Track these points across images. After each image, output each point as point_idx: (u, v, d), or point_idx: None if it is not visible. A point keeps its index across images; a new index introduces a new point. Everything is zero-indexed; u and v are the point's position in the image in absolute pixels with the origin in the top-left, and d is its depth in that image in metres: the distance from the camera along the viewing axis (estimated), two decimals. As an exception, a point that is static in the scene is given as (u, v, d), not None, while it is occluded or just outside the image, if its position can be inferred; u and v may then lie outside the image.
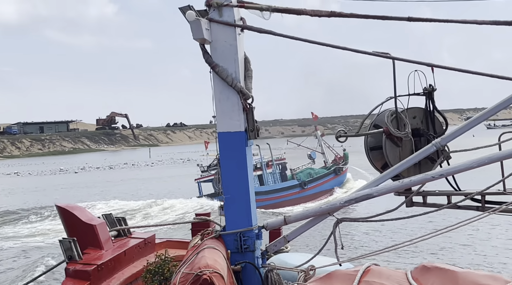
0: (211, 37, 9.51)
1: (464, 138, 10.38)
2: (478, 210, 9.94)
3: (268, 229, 10.17)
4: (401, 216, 9.91)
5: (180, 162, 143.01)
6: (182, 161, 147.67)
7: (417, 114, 10.37)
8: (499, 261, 28.43)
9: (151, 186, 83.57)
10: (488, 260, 28.85)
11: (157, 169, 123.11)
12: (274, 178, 62.27)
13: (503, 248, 30.98)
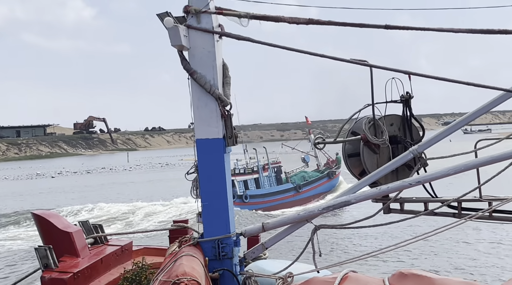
0: (189, 44, 9.48)
1: (441, 143, 10.46)
2: (455, 217, 10.02)
3: (247, 236, 10.15)
4: (379, 223, 9.95)
5: (159, 167, 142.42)
6: (161, 165, 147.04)
7: (395, 121, 10.44)
8: (475, 268, 28.64)
9: (142, 189, 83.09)
10: (465, 267, 29.05)
11: (137, 173, 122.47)
12: (270, 181, 63.49)
13: (479, 255, 31.23)
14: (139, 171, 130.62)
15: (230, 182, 9.86)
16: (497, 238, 34.16)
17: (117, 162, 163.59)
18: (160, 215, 53.81)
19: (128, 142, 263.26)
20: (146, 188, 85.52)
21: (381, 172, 9.81)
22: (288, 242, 25.92)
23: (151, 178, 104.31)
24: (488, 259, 30.31)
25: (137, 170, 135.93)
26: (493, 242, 33.52)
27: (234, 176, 61.98)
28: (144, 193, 76.13)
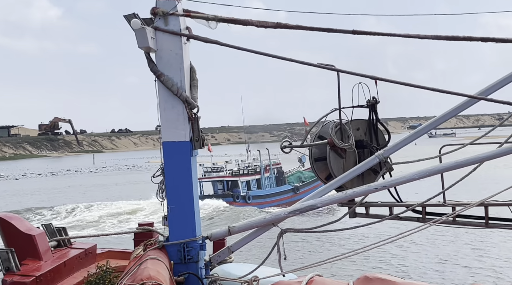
0: (156, 46, 9.42)
1: (407, 146, 10.55)
2: (419, 221, 10.12)
3: (213, 240, 10.12)
4: (344, 227, 10.01)
5: (125, 169, 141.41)
6: (127, 167, 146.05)
7: (361, 126, 10.50)
8: (439, 272, 29.03)
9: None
10: (429, 271, 29.42)
11: (103, 175, 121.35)
12: (270, 182, 66.11)
13: (444, 259, 31.65)
14: (105, 173, 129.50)
15: (197, 185, 9.82)
16: (461, 242, 34.68)
17: (83, 164, 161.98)
18: (128, 217, 54.16)
19: (94, 144, 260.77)
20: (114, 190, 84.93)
21: (347, 176, 9.85)
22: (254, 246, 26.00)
23: (118, 180, 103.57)
24: (451, 263, 30.75)
25: (103, 172, 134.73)
26: (457, 246, 34.02)
27: (238, 176, 65.69)
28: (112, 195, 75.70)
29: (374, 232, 32.28)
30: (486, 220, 10.13)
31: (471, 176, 9.81)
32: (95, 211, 60.30)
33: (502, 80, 9.62)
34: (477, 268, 29.73)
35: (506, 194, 9.38)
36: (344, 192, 9.59)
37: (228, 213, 53.16)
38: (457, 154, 9.87)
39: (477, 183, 36.14)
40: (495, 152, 9.13)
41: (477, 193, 9.66)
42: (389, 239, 9.37)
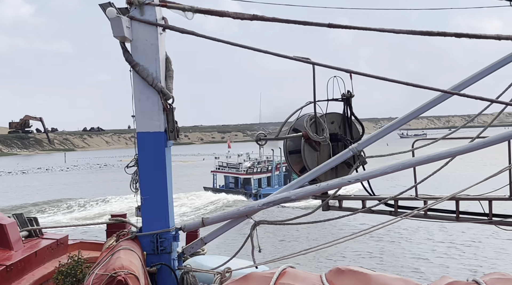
0: (131, 36, 9.37)
1: (378, 146, 10.65)
2: (391, 214, 10.23)
3: (186, 231, 10.09)
4: (317, 220, 10.04)
5: (97, 167, 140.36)
6: (99, 166, 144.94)
7: (335, 120, 10.56)
8: (410, 265, 29.36)
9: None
10: (400, 263, 29.73)
11: (75, 174, 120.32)
12: (279, 180, 70.41)
13: (415, 252, 32.01)
14: (76, 172, 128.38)
15: (171, 176, 9.78)
16: (433, 236, 35.10)
17: (54, 162, 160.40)
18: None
19: (65, 142, 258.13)
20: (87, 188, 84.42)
21: (321, 169, 9.90)
22: (226, 239, 25.98)
23: (90, 178, 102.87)
24: (423, 256, 31.11)
25: (75, 170, 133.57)
26: (429, 240, 34.43)
27: (252, 174, 70.18)
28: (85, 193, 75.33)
29: (347, 225, 32.58)
30: (457, 214, 10.28)
31: (443, 171, 9.93)
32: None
33: (475, 76, 9.77)
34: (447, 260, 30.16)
35: (478, 189, 9.53)
36: (317, 184, 9.63)
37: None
38: (430, 149, 10.00)
39: (456, 180, 36.52)
40: (467, 146, 9.26)
41: (454, 189, 9.76)
42: (361, 232, 9.43)
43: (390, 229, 31.88)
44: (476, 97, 9.23)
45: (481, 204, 10.13)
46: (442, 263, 29.30)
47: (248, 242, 9.66)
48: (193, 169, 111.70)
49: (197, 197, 66.99)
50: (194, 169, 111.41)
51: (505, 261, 28.05)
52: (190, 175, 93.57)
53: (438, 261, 29.82)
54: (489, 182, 9.09)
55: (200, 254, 10.44)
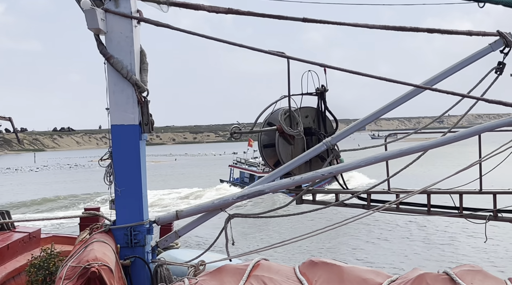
0: (106, 28, 9.31)
1: (350, 146, 10.77)
2: (364, 208, 10.34)
3: (160, 224, 10.08)
4: (291, 213, 10.11)
5: (67, 168, 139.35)
6: (69, 166, 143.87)
7: (310, 114, 10.64)
8: (382, 257, 29.66)
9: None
10: (372, 256, 30.04)
11: (45, 174, 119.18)
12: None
13: (386, 245, 32.34)
14: (46, 172, 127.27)
15: (145, 169, 9.76)
16: (405, 229, 35.50)
17: (23, 162, 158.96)
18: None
19: (35, 143, 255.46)
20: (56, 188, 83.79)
21: (295, 162, 9.96)
22: (203, 232, 25.96)
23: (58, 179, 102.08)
24: (395, 249, 31.46)
25: (44, 171, 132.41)
26: (401, 233, 34.81)
27: (259, 172, 73.01)
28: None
29: (320, 218, 32.79)
30: (428, 207, 10.44)
31: (415, 165, 10.07)
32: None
33: (446, 71, 9.91)
34: (418, 253, 30.53)
35: (449, 183, 9.68)
36: (292, 178, 9.69)
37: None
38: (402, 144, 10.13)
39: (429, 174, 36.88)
40: (439, 140, 9.40)
41: (427, 182, 9.93)
42: (334, 225, 9.51)
43: (363, 222, 32.19)
44: (448, 91, 9.38)
45: (452, 198, 10.29)
46: (414, 255, 29.70)
47: (222, 235, 9.69)
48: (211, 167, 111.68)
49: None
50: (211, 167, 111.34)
51: (475, 253, 28.51)
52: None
53: (409, 253, 30.24)
54: (460, 176, 9.23)
55: (174, 248, 10.44)
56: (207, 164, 77.55)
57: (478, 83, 9.66)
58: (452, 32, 9.59)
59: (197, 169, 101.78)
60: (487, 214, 10.13)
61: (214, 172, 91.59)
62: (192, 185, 77.01)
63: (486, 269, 7.55)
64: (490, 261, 26.83)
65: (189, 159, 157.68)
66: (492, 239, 21.38)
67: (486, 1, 9.23)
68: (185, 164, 76.65)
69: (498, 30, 9.54)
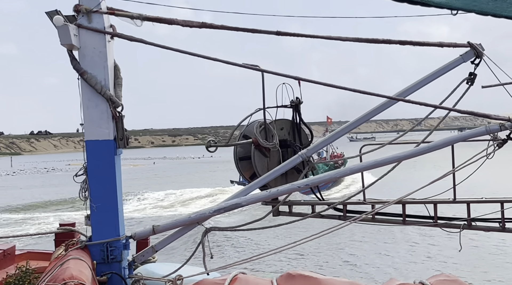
0: (79, 43, 9.28)
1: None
2: (340, 219, 10.41)
3: (136, 239, 10.04)
4: (268, 225, 10.13)
5: (44, 172, 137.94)
6: (46, 170, 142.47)
7: (285, 126, 10.69)
8: (360, 269, 29.75)
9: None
10: (350, 267, 30.12)
11: (21, 178, 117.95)
12: None
13: (363, 255, 32.46)
14: (23, 176, 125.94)
15: (120, 184, 9.72)
16: (381, 239, 35.67)
17: (0, 166, 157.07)
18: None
19: (11, 146, 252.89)
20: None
21: (271, 175, 9.99)
22: (181, 246, 25.87)
23: (36, 183, 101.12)
24: (373, 259, 31.58)
25: (21, 175, 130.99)
26: (377, 243, 34.97)
27: None
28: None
29: (297, 230, 32.87)
30: (403, 217, 10.54)
31: (391, 175, 10.16)
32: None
33: (420, 82, 10.01)
34: (394, 263, 30.70)
35: (423, 192, 9.78)
36: (268, 190, 9.71)
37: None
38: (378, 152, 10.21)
39: (405, 183, 37.30)
40: (412, 151, 9.48)
41: (403, 192, 10.01)
42: (311, 237, 9.55)
43: (340, 233, 32.41)
44: (420, 103, 9.49)
45: (426, 207, 10.41)
46: (390, 266, 29.85)
47: (200, 248, 9.69)
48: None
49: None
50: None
51: (450, 263, 28.72)
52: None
53: (386, 264, 30.37)
54: (434, 185, 9.34)
55: (151, 262, 10.40)
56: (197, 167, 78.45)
57: (450, 94, 9.77)
58: (424, 44, 9.70)
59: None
60: (461, 223, 10.26)
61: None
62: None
63: (462, 278, 7.63)
64: (466, 271, 27.04)
65: (168, 163, 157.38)
66: (467, 248, 21.59)
67: (459, 9, 9.36)
68: (165, 167, 76.84)
69: (468, 41, 9.66)
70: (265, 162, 10.36)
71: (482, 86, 9.68)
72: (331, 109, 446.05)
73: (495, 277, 26.57)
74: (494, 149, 9.21)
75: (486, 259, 29.50)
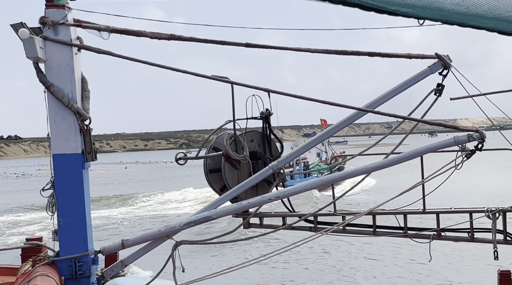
0: (45, 56, 9.13)
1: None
2: (311, 230, 10.41)
3: (105, 254, 9.90)
4: (239, 238, 10.09)
5: (14, 177, 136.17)
6: (16, 176, 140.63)
7: (255, 138, 10.66)
8: (332, 279, 29.83)
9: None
10: (322, 278, 30.19)
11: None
12: (300, 174, 76.27)
13: (335, 267, 32.54)
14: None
15: (89, 198, 9.59)
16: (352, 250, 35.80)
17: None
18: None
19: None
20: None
21: (242, 187, 9.93)
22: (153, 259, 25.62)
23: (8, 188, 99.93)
24: (343, 271, 31.66)
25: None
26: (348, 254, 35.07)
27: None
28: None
29: (268, 242, 32.89)
30: (374, 228, 10.57)
31: (361, 186, 10.19)
32: None
33: (389, 93, 10.05)
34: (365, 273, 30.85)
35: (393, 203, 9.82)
36: (239, 203, 9.66)
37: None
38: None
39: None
40: (382, 163, 9.50)
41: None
42: (282, 249, 9.55)
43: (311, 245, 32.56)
44: (390, 114, 9.58)
45: (396, 218, 10.46)
46: (362, 276, 29.98)
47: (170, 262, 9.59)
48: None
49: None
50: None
51: (420, 272, 28.90)
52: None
53: (357, 275, 30.48)
54: (404, 196, 9.38)
55: (120, 275, 10.28)
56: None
57: (418, 105, 9.81)
58: (392, 55, 9.75)
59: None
60: (431, 233, 10.33)
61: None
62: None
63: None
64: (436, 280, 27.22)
65: (140, 167, 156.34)
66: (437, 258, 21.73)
67: (426, 18, 9.43)
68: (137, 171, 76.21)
69: (436, 53, 9.73)
70: (236, 175, 10.31)
71: (451, 98, 9.77)
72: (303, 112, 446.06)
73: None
74: (463, 160, 9.27)
75: (454, 268, 29.71)
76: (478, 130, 9.22)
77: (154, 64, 9.49)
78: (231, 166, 10.27)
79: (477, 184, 59.64)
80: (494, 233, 10.13)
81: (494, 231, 10.13)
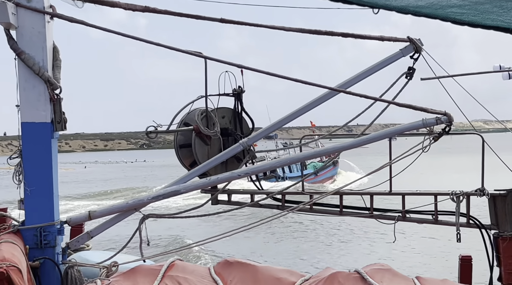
0: (17, 23, 9.03)
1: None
2: (278, 208, 10.48)
3: (72, 225, 9.83)
4: (206, 213, 10.10)
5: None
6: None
7: (226, 114, 10.69)
8: (296, 257, 30.12)
9: None
10: (286, 256, 30.47)
11: None
12: (297, 167, 79.53)
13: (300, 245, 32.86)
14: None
15: (56, 168, 9.51)
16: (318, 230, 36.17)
17: None
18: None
19: None
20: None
21: (211, 163, 9.95)
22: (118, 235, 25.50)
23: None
24: (308, 249, 31.99)
25: None
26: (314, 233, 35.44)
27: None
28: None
29: (235, 219, 32.98)
30: (340, 208, 10.69)
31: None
32: None
33: (359, 75, 10.16)
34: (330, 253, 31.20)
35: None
36: (208, 178, 9.68)
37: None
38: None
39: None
40: (351, 142, 9.59)
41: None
42: (249, 225, 9.58)
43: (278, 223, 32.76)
44: (361, 95, 9.64)
45: (363, 199, 10.58)
46: (326, 255, 30.33)
47: (137, 235, 9.58)
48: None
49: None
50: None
51: (384, 252, 29.37)
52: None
53: (322, 254, 30.85)
54: (373, 177, 9.50)
55: (85, 249, 10.22)
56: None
57: (389, 87, 9.90)
58: (365, 37, 9.85)
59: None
60: (396, 215, 10.49)
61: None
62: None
63: (395, 268, 7.79)
64: (399, 260, 27.64)
65: (100, 167, 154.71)
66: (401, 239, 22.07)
67: (380, 7, 9.56)
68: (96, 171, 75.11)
69: (408, 36, 9.85)
70: (206, 150, 10.32)
71: (421, 78, 9.90)
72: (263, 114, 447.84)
73: (429, 266, 27.23)
74: (430, 142, 9.41)
75: (418, 249, 30.27)
76: (446, 113, 9.36)
77: (127, 35, 9.44)
78: (201, 141, 10.28)
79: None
80: (458, 216, 10.31)
81: (457, 214, 10.32)
